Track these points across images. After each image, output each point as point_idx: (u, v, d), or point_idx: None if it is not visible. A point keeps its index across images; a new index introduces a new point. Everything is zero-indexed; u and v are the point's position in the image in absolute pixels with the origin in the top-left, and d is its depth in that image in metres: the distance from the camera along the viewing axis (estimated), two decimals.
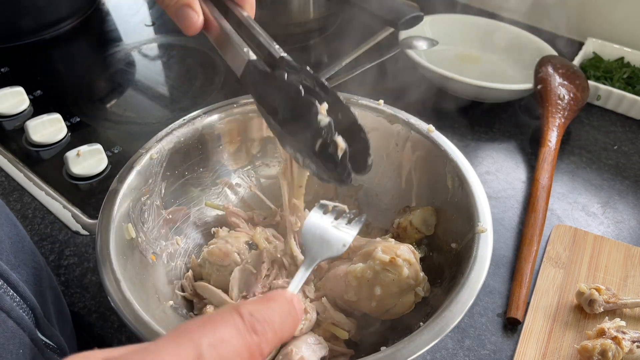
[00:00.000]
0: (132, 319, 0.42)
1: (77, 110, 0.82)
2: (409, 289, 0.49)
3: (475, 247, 0.46)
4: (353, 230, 0.50)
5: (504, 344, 0.54)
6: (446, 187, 0.55)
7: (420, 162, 0.58)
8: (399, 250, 0.49)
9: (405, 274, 0.48)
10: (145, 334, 0.41)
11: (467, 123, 0.80)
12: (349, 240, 0.49)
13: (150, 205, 0.54)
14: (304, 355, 0.46)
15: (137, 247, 0.51)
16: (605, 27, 0.91)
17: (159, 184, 0.56)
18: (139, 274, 0.49)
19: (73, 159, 0.70)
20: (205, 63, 0.93)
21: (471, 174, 0.53)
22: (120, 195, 0.51)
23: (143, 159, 0.54)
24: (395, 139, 0.59)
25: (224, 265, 0.52)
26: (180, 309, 0.52)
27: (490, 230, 0.48)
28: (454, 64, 0.90)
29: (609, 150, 0.76)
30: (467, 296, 0.43)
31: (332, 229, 0.50)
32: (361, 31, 0.99)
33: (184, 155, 0.58)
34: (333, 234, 0.49)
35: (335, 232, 0.50)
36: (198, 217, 0.60)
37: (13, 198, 0.68)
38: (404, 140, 0.59)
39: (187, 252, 0.58)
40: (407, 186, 0.60)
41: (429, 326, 0.41)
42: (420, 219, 0.56)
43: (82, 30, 1.02)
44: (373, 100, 0.60)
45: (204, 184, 0.61)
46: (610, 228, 0.66)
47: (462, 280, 0.44)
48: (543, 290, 0.58)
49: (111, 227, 0.48)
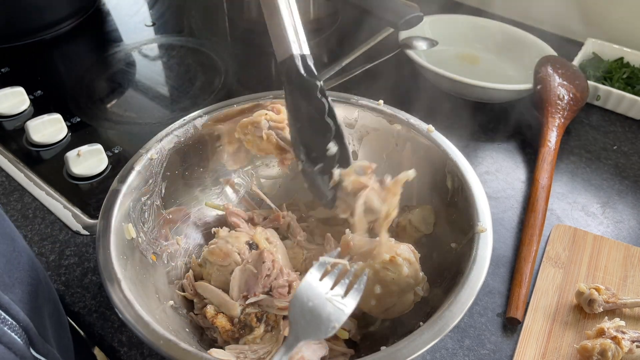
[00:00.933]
0: (132, 319, 0.42)
1: (78, 111, 0.82)
2: (409, 288, 0.49)
3: (475, 247, 0.46)
4: (350, 304, 0.44)
5: (503, 343, 0.54)
6: (446, 187, 0.55)
7: (420, 162, 0.58)
8: (399, 249, 0.50)
9: (405, 273, 0.48)
10: (146, 334, 0.41)
11: (467, 123, 0.80)
12: (342, 319, 0.43)
13: (150, 205, 0.54)
14: (304, 355, 0.46)
15: (137, 247, 0.51)
16: (605, 27, 0.91)
17: (159, 184, 0.56)
18: (139, 274, 0.49)
19: (73, 159, 0.70)
20: (205, 63, 0.93)
21: (471, 174, 0.53)
22: (121, 196, 0.51)
23: (143, 159, 0.54)
24: (395, 139, 0.59)
25: (225, 265, 0.52)
26: (180, 308, 0.52)
27: (490, 230, 0.48)
28: (454, 64, 0.90)
29: (608, 150, 0.76)
30: (467, 296, 0.43)
31: (326, 302, 0.44)
32: (361, 31, 0.99)
33: (184, 156, 0.58)
34: (325, 311, 0.43)
35: (328, 308, 0.43)
36: (198, 217, 0.60)
37: (13, 198, 0.68)
38: (404, 140, 0.59)
39: (187, 252, 0.58)
40: (407, 186, 0.60)
41: (429, 326, 0.41)
42: (419, 218, 0.56)
43: (82, 30, 1.02)
44: (373, 101, 0.61)
45: (204, 184, 0.61)
46: (609, 228, 0.66)
47: (462, 280, 0.44)
48: (543, 290, 0.58)
49: (111, 227, 0.48)
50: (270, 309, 0.49)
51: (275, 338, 0.48)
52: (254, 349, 0.47)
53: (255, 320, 0.49)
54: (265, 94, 0.62)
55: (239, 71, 0.91)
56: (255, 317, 0.49)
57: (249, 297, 0.50)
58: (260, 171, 0.64)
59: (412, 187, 0.60)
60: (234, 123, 0.60)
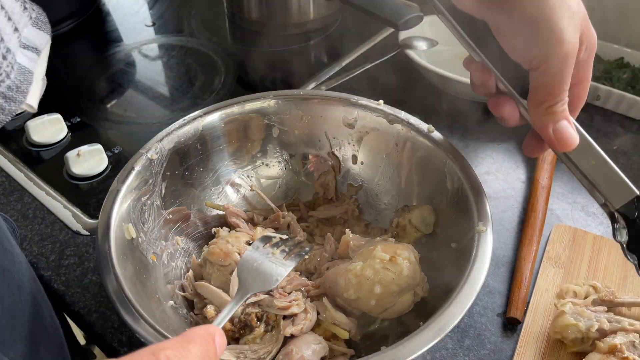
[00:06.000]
0: (132, 319, 0.42)
1: (78, 111, 0.82)
2: (409, 289, 0.49)
3: (475, 247, 0.46)
4: (290, 263, 0.51)
5: (503, 343, 0.54)
6: (446, 187, 0.55)
7: (420, 162, 0.58)
8: (399, 249, 0.50)
9: (405, 273, 0.48)
10: (145, 334, 0.41)
11: (467, 123, 0.80)
12: (284, 274, 0.50)
13: (150, 205, 0.54)
14: (304, 355, 0.46)
15: (137, 247, 0.51)
16: (605, 27, 0.91)
17: (160, 184, 0.56)
18: (139, 274, 0.49)
19: (73, 159, 0.70)
20: (205, 63, 0.93)
21: (471, 174, 0.53)
22: (121, 196, 0.51)
23: (143, 159, 0.54)
24: (395, 139, 0.59)
25: (225, 265, 0.52)
26: (180, 308, 0.52)
27: (490, 230, 0.48)
28: (454, 64, 0.90)
29: (608, 150, 0.76)
30: (467, 296, 0.43)
31: (268, 262, 0.51)
32: (361, 31, 0.99)
33: (184, 156, 0.58)
34: (268, 267, 0.50)
35: (271, 265, 0.50)
36: (198, 217, 0.60)
37: (13, 198, 0.68)
38: (404, 140, 0.59)
39: (187, 252, 0.58)
40: (407, 186, 0.60)
41: (429, 326, 0.41)
42: (419, 218, 0.56)
43: (82, 30, 1.02)
44: (373, 101, 0.61)
45: (204, 184, 0.61)
46: (609, 228, 0.65)
47: (462, 280, 0.44)
48: (543, 290, 0.58)
49: (111, 227, 0.48)
50: (271, 308, 0.49)
51: (276, 338, 0.48)
52: (254, 349, 0.47)
53: (255, 320, 0.49)
54: (266, 94, 0.62)
55: (238, 71, 0.91)
56: (255, 317, 0.49)
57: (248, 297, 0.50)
58: (260, 171, 0.64)
59: (412, 187, 0.60)
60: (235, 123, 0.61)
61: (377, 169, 0.62)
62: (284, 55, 0.95)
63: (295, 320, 0.49)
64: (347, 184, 0.64)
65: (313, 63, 0.95)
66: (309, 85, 0.86)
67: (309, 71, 0.90)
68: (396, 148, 0.60)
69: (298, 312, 0.49)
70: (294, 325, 0.49)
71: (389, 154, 0.60)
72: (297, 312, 0.49)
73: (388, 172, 0.61)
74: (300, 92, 0.62)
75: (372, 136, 0.61)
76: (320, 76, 0.88)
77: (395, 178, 0.61)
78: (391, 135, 0.59)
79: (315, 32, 0.99)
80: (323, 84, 0.87)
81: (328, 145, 0.64)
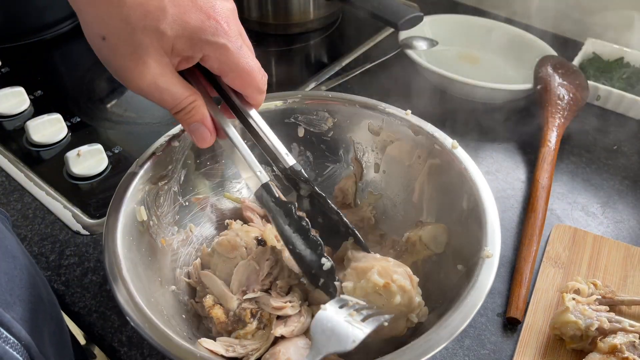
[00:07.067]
0: (123, 298, 0.43)
1: (78, 110, 0.82)
2: (401, 316, 0.48)
3: (477, 273, 0.45)
4: (367, 328, 0.45)
5: (503, 343, 0.54)
6: (461, 206, 0.53)
7: (439, 178, 0.56)
8: (395, 275, 0.47)
9: (396, 302, 0.46)
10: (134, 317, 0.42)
11: (467, 123, 0.80)
12: (361, 336, 0.44)
13: (167, 190, 0.55)
14: (290, 357, 0.45)
15: (147, 229, 0.52)
16: (605, 27, 0.91)
17: (179, 171, 0.56)
18: (144, 256, 0.50)
19: (73, 159, 0.70)
20: None
21: (488, 196, 0.51)
22: (137, 178, 0.52)
23: (165, 145, 0.55)
24: (418, 150, 0.58)
25: (231, 257, 0.53)
26: (182, 294, 0.53)
27: (497, 256, 0.46)
28: (454, 64, 0.90)
29: (608, 150, 0.76)
30: (458, 322, 0.41)
31: (345, 323, 0.45)
32: (361, 31, 0.99)
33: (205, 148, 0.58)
34: (344, 329, 0.45)
35: (347, 327, 0.45)
36: (215, 208, 0.60)
37: (13, 198, 0.68)
38: (426, 153, 0.57)
39: (199, 240, 0.58)
40: (422, 200, 0.58)
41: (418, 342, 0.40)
42: (430, 236, 0.54)
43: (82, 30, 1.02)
44: (400, 109, 0.59)
45: (225, 176, 0.61)
46: (609, 228, 0.66)
47: (456, 305, 0.43)
48: (543, 290, 0.58)
49: (122, 208, 0.49)
50: (266, 307, 0.49)
51: (266, 336, 0.48)
52: (243, 344, 0.47)
53: (249, 316, 0.49)
54: (294, 93, 0.62)
55: None
56: (249, 313, 0.49)
57: (248, 293, 0.50)
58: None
59: (428, 202, 0.58)
60: None
61: (398, 179, 0.60)
62: (284, 55, 0.95)
63: (288, 321, 0.49)
64: (367, 191, 0.63)
65: (313, 63, 0.95)
66: (309, 85, 0.86)
67: (309, 71, 0.90)
68: (418, 160, 0.58)
69: (292, 314, 0.49)
70: (285, 326, 0.48)
71: (412, 165, 0.59)
72: (291, 313, 0.49)
73: (408, 184, 0.60)
74: (329, 95, 0.62)
75: (396, 145, 0.60)
76: (320, 76, 0.88)
77: (414, 191, 0.59)
78: (414, 146, 0.58)
79: (315, 32, 0.99)
80: (323, 84, 0.87)
81: (352, 150, 0.63)
